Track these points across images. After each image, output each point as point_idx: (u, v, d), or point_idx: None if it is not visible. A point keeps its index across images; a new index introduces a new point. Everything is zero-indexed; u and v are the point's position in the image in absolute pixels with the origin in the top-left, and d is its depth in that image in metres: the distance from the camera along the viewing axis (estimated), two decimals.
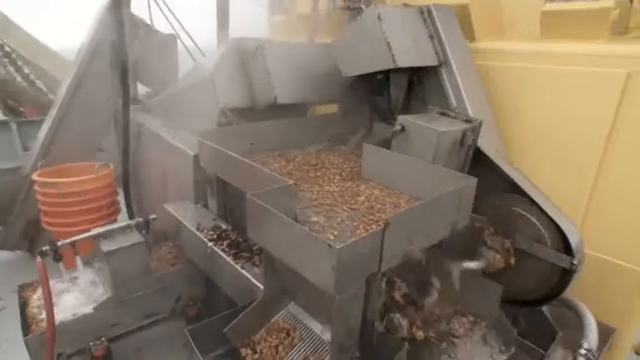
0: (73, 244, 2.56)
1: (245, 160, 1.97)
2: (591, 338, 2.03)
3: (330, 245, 1.29)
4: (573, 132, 2.31)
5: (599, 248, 2.34)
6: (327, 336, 1.69)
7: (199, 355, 1.61)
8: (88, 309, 2.45)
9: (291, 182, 1.67)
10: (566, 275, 2.06)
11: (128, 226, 2.58)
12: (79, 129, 3.72)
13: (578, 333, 2.10)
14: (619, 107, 2.18)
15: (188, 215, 2.51)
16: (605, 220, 2.34)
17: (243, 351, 1.74)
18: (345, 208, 1.88)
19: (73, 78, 3.61)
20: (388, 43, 2.16)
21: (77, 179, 3.30)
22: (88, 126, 3.73)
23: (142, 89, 3.88)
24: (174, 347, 2.92)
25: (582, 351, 1.97)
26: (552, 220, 2.05)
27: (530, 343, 2.19)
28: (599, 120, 2.23)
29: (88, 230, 2.51)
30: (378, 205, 1.89)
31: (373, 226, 1.70)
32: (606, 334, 2.31)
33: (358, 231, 1.69)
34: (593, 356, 1.99)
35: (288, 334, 1.77)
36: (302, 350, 1.70)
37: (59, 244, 2.44)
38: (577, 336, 2.08)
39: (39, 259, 2.31)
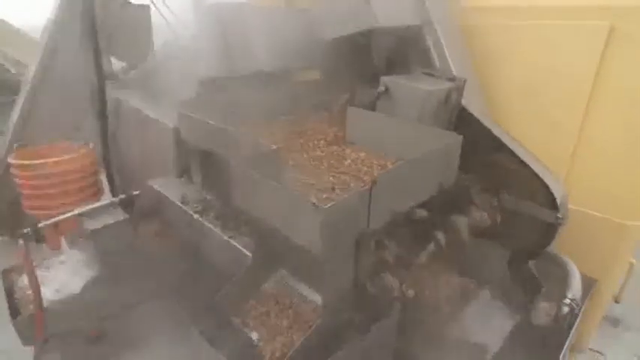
0: (55, 224, 2.50)
1: (227, 128, 1.91)
2: (575, 288, 2.09)
3: (315, 206, 1.28)
4: (556, 88, 2.29)
5: (581, 203, 2.38)
6: (318, 299, 1.69)
7: (193, 326, 1.60)
8: (77, 289, 2.42)
9: (275, 147, 1.64)
10: (551, 230, 2.09)
11: (112, 204, 2.53)
12: (52, 108, 3.57)
13: (562, 286, 2.15)
14: (602, 61, 2.17)
15: (172, 190, 2.46)
16: (587, 174, 2.36)
17: (235, 320, 1.74)
18: (331, 171, 1.85)
19: (41, 56, 3.44)
20: (369, 2, 2.10)
21: (56, 160, 3.19)
22: (62, 105, 3.58)
23: (117, 64, 3.73)
24: (168, 322, 2.93)
25: (567, 300, 2.02)
26: (537, 177, 2.07)
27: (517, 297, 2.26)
28: (582, 74, 2.22)
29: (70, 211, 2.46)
30: (365, 168, 1.88)
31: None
32: (589, 285, 2.38)
33: (345, 193, 1.67)
34: (577, 305, 2.05)
35: (277, 302, 1.77)
36: (293, 315, 1.71)
37: (40, 225, 2.39)
38: (562, 289, 2.13)
39: (21, 241, 2.25)
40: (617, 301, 3.18)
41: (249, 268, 1.76)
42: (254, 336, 1.68)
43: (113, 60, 3.68)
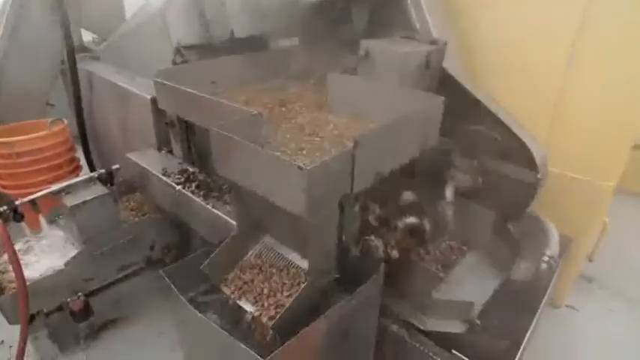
0: (33, 202, 2.44)
1: (206, 95, 1.87)
2: (553, 246, 2.16)
3: (299, 167, 1.27)
4: (536, 49, 2.30)
5: (558, 164, 2.43)
6: (303, 263, 1.71)
7: (177, 293, 1.60)
8: (59, 266, 2.39)
9: (256, 112, 1.61)
10: (531, 190, 2.14)
11: (91, 179, 2.48)
12: (20, 84, 3.41)
13: (541, 245, 2.22)
14: (582, 21, 2.17)
15: (153, 162, 2.42)
16: (564, 136, 2.41)
17: (223, 287, 1.75)
18: (314, 138, 1.84)
19: (3, 30, 3.27)
20: None
21: (29, 137, 3.08)
22: (30, 80, 3.43)
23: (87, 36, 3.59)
24: (155, 297, 2.94)
25: (545, 258, 2.10)
26: (517, 138, 2.10)
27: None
28: (562, 35, 2.23)
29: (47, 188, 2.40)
30: (348, 133, 1.87)
31: None
32: (565, 244, 2.46)
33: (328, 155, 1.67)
34: (555, 262, 2.13)
35: (263, 268, 1.78)
36: (280, 280, 1.72)
37: (18, 203, 2.33)
38: (540, 248, 2.20)
39: None
40: (590, 260, 3.32)
41: (235, 236, 1.76)
42: (243, 302, 1.69)
43: (83, 32, 3.54)
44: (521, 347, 1.73)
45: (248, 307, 1.66)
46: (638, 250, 3.64)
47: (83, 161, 3.46)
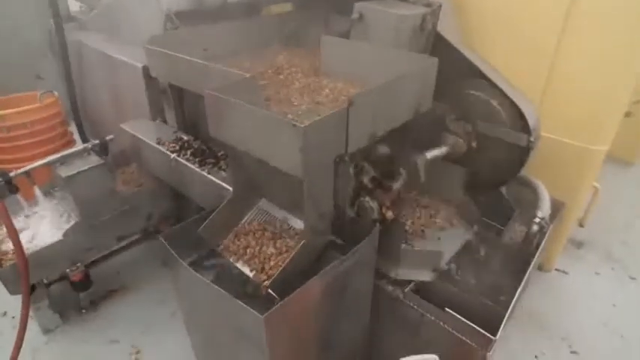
0: (27, 173, 2.43)
1: (199, 61, 1.85)
2: (545, 208, 2.20)
3: (294, 125, 1.27)
4: (530, 12, 2.28)
5: (552, 129, 2.45)
6: (298, 224, 1.74)
7: (176, 257, 1.62)
8: (56, 237, 2.40)
9: (249, 75, 1.60)
10: (523, 154, 2.16)
11: (85, 150, 2.46)
12: (6, 57, 3.35)
13: (532, 209, 2.26)
14: None
15: (147, 132, 2.41)
16: (559, 100, 2.42)
17: (220, 251, 1.78)
18: (309, 102, 1.83)
19: None
20: None
21: (20, 109, 3.04)
22: (18, 52, 3.37)
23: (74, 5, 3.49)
24: (154, 266, 2.98)
25: (537, 219, 2.14)
26: (511, 102, 2.10)
27: (490, 221, 2.37)
28: None
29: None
30: (343, 97, 1.86)
31: None
32: (557, 208, 2.51)
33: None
34: (547, 224, 2.18)
35: (257, 233, 1.80)
36: (276, 242, 1.75)
37: (12, 174, 2.32)
38: (532, 212, 2.24)
39: None
40: (581, 225, 3.39)
41: (231, 200, 1.77)
42: (240, 265, 1.72)
43: (70, 1, 3.45)
44: (511, 306, 1.78)
45: (245, 270, 1.70)
46: (625, 216, 3.73)
47: (76, 135, 3.44)
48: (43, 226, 2.53)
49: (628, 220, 3.69)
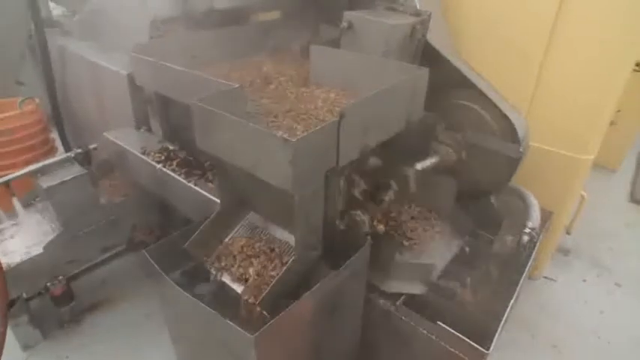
0: (6, 184, 2.35)
1: (186, 70, 1.81)
2: (535, 218, 2.21)
3: (285, 139, 1.24)
4: (519, 21, 2.29)
5: (540, 139, 2.46)
6: (289, 239, 1.70)
7: (161, 272, 1.57)
8: (37, 250, 2.32)
9: (237, 85, 1.56)
10: (513, 164, 2.16)
11: (67, 159, 2.39)
12: None
13: (522, 218, 2.26)
14: None
15: (131, 141, 2.35)
16: (544, 111, 2.43)
17: (206, 266, 1.73)
18: (302, 114, 1.78)
19: None
20: None
21: None
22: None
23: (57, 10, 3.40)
24: (140, 278, 2.90)
25: (527, 230, 2.14)
26: (501, 112, 2.11)
27: (479, 231, 2.37)
28: (544, 7, 2.22)
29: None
30: (337, 108, 1.82)
31: None
32: (545, 217, 2.52)
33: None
34: (537, 234, 2.18)
35: (245, 247, 1.75)
36: (266, 256, 1.71)
37: None
38: (521, 221, 2.24)
39: None
40: (568, 233, 3.41)
41: (218, 214, 1.73)
42: (228, 280, 1.68)
43: (52, 5, 3.36)
44: (503, 319, 1.77)
45: (234, 285, 1.65)
46: (612, 223, 3.78)
47: (58, 142, 3.34)
48: (23, 239, 2.44)
49: (613, 226, 3.74)
